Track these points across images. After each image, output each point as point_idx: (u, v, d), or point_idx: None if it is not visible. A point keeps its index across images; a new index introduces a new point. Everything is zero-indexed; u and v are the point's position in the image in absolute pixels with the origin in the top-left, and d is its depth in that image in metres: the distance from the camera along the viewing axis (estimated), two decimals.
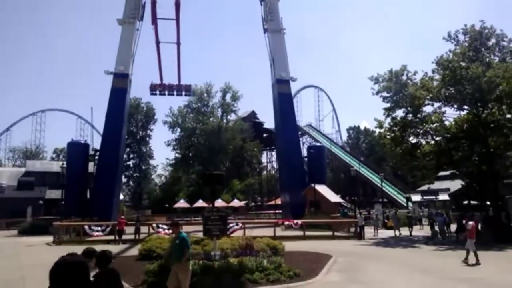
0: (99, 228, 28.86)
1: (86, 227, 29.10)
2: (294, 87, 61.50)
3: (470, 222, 18.18)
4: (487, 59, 29.06)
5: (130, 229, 28.95)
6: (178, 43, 50.23)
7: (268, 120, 79.35)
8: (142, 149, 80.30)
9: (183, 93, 55.04)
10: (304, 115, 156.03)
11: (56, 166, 54.01)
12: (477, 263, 16.09)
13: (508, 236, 24.10)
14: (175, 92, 54.32)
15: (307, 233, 28.95)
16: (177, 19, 46.72)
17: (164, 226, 27.88)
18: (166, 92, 53.76)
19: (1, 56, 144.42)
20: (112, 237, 27.91)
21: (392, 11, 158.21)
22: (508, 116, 28.69)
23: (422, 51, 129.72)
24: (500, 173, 29.50)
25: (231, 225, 25.95)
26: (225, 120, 76.40)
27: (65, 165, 39.82)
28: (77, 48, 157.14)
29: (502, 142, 27.81)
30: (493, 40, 30.13)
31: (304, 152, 60.24)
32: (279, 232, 29.31)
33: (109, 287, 4.41)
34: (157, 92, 53.19)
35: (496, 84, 26.22)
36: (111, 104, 43.37)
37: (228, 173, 70.67)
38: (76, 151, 43.83)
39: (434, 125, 30.16)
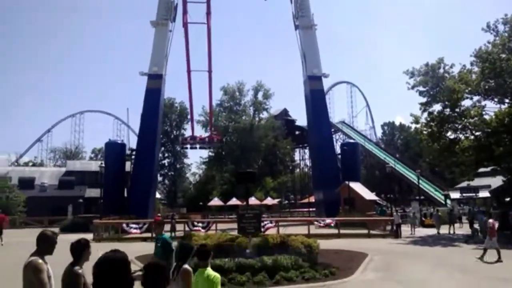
0: (136, 226, 29.58)
1: (124, 225, 29.91)
2: (326, 83, 60.87)
3: (490, 220, 18.30)
4: None
5: (166, 227, 29.46)
6: (210, 71, 51.19)
7: (301, 118, 79.04)
8: (176, 148, 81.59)
9: (213, 145, 57.33)
10: (337, 111, 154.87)
11: (94, 166, 55.72)
12: (499, 260, 16.09)
13: None
14: (206, 145, 56.88)
15: (342, 231, 28.63)
16: (209, 38, 47.63)
17: (199, 224, 28.30)
18: (198, 146, 55.70)
19: (42, 60, 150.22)
20: (149, 235, 28.54)
21: (428, 3, 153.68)
22: None
23: (460, 44, 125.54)
24: None
25: (265, 222, 25.99)
26: (257, 118, 76.49)
27: (103, 165, 41.01)
28: (113, 50, 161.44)
29: None
30: None
31: (338, 149, 59.54)
32: (313, 230, 29.13)
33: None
34: (188, 146, 56.16)
35: None
36: (146, 105, 44.29)
37: (260, 171, 70.73)
38: (113, 151, 45.04)
39: (474, 119, 29.18)
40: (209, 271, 5.06)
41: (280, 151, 79.85)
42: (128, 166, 45.02)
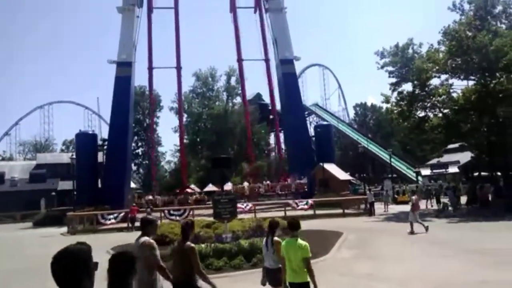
0: (111, 217, 29.24)
1: (99, 216, 29.51)
2: (298, 66, 60.93)
3: (413, 197, 20.02)
4: (494, 28, 28.51)
5: (142, 216, 29.31)
6: (178, 66, 50.64)
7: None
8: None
9: None
10: (310, 94, 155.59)
11: (66, 158, 54.44)
12: (412, 231, 17.95)
13: None
14: None
15: (318, 212, 29.08)
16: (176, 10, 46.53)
17: (176, 212, 28.20)
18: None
19: (6, 50, 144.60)
20: (125, 225, 28.30)
21: None
22: None
23: (429, 23, 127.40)
24: (510, 143, 29.25)
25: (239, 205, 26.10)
26: (230, 104, 76.25)
27: (74, 156, 40.14)
28: (80, 39, 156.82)
29: (511, 111, 27.47)
30: (499, 8, 29.59)
31: (312, 132, 60.06)
32: (290, 212, 29.47)
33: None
34: None
35: (504, 53, 25.76)
36: (116, 93, 43.39)
37: (236, 157, 70.78)
38: (84, 142, 44.07)
39: (442, 97, 29.87)
40: (299, 240, 5.85)
41: (255, 136, 79.99)
42: (100, 156, 44.23)
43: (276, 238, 6.31)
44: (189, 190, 58.02)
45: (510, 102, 27.29)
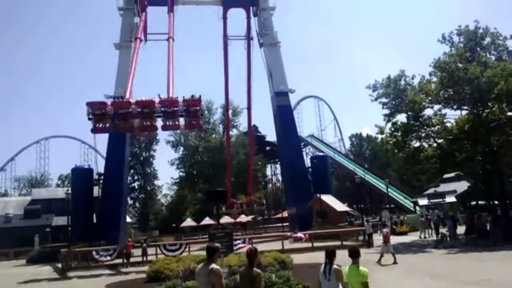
0: (106, 253, 28.72)
1: (94, 252, 29.00)
2: (294, 98, 61.90)
3: (384, 230, 20.56)
4: (484, 59, 29.13)
5: (138, 251, 28.87)
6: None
7: (270, 133, 79.45)
8: (146, 170, 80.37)
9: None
10: (306, 125, 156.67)
11: (61, 193, 53.96)
12: (395, 262, 17.92)
13: None
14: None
15: (316, 244, 28.70)
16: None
17: (172, 247, 27.80)
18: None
19: (3, 85, 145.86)
20: (120, 261, 27.80)
21: (389, 18, 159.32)
22: (509, 114, 28.65)
23: (421, 55, 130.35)
24: (505, 171, 29.38)
25: (237, 242, 25.78)
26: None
27: (70, 191, 39.85)
28: (77, 73, 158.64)
29: (505, 140, 27.71)
30: (488, 39, 30.23)
31: (308, 163, 60.12)
32: (287, 245, 29.13)
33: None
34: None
35: (495, 83, 26.23)
36: None
37: (233, 189, 70.46)
38: (80, 177, 43.91)
39: (436, 127, 30.15)
40: (360, 267, 6.50)
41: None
42: (96, 191, 43.94)
43: (335, 267, 6.56)
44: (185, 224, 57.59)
45: (503, 131, 27.60)
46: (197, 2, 51.37)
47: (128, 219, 56.61)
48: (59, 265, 28.39)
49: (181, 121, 25.80)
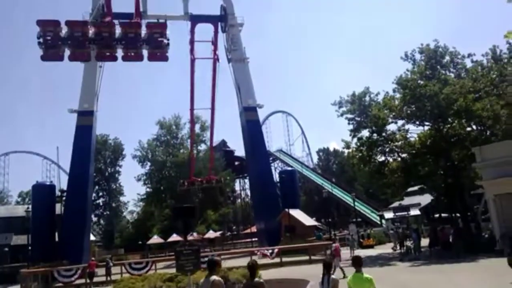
0: (68, 273, 27.64)
1: (55, 272, 27.87)
2: (262, 113, 62.09)
3: (334, 244, 22.13)
4: (443, 76, 30.34)
5: (101, 271, 27.96)
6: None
7: (239, 148, 79.52)
8: (111, 186, 78.49)
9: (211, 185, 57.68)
10: (275, 140, 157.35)
11: (21, 211, 51.72)
12: (344, 277, 17.72)
13: (479, 246, 24.60)
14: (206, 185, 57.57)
15: (284, 259, 28.70)
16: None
17: (137, 266, 27.08)
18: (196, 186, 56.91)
19: None
20: (83, 281, 26.83)
21: (355, 36, 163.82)
22: (468, 129, 29.89)
23: (385, 72, 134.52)
24: (466, 185, 30.43)
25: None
26: (195, 151, 75.91)
27: (30, 209, 38.35)
28: (39, 87, 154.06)
29: (465, 155, 28.77)
30: (447, 58, 31.57)
31: (277, 177, 60.35)
32: (257, 260, 28.92)
33: None
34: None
35: (454, 100, 27.31)
36: (76, 143, 42.39)
37: (201, 204, 69.67)
38: (41, 193, 42.32)
39: (399, 142, 31.01)
40: (365, 274, 6.96)
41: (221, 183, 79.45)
42: (58, 208, 42.45)
43: (333, 277, 7.22)
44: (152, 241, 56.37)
45: (463, 146, 28.68)
46: (165, 17, 51.20)
47: (92, 237, 54.79)
48: (18, 287, 27.10)
49: (145, 53, 23.45)
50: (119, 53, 23.64)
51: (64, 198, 41.82)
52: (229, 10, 50.50)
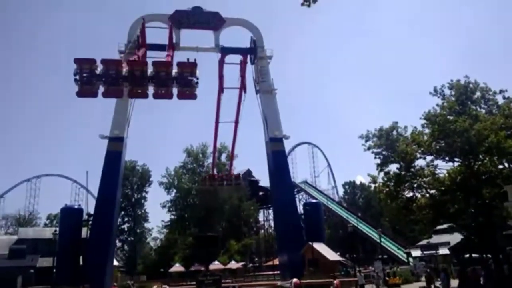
0: None
1: None
2: (288, 144, 62.35)
3: (335, 281, 22.95)
4: (474, 112, 29.78)
5: None
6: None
7: (264, 178, 79.41)
8: (137, 212, 79.29)
9: (234, 182, 58.83)
10: (300, 172, 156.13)
11: (49, 233, 52.69)
12: None
13: None
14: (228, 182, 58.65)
15: None
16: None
17: None
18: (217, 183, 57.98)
19: None
20: None
21: (382, 70, 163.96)
22: (500, 167, 29.00)
23: (413, 106, 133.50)
24: (497, 224, 29.26)
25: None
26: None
27: (57, 231, 39.06)
28: (71, 112, 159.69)
29: (496, 193, 27.81)
30: (478, 94, 31.03)
31: (301, 209, 59.69)
32: None
33: None
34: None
35: (485, 136, 26.69)
36: (105, 168, 43.43)
37: (225, 234, 69.37)
38: (69, 217, 43.19)
39: (428, 178, 30.28)
40: None
41: (244, 213, 79.13)
42: (85, 232, 43.10)
43: None
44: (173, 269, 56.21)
45: (495, 183, 27.76)
46: (197, 49, 52.78)
47: (115, 262, 55.18)
48: None
49: (175, 91, 24.56)
50: (150, 90, 24.98)
51: (90, 222, 42.52)
52: (259, 42, 51.68)
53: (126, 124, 45.65)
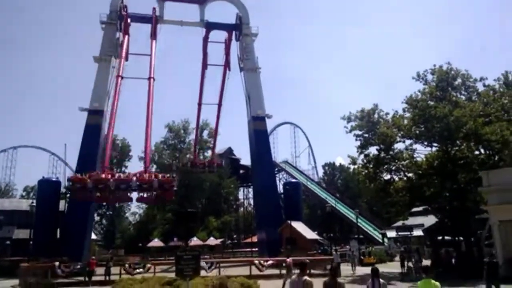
0: (68, 270, 27.75)
1: (56, 268, 27.97)
2: (270, 124, 62.36)
3: (288, 259, 22.30)
4: (454, 98, 30.29)
5: (101, 270, 28.01)
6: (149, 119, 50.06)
7: (245, 157, 79.63)
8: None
9: (214, 169, 59.12)
10: (281, 151, 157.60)
11: (25, 205, 52.05)
12: None
13: (480, 272, 24.28)
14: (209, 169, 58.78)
15: (283, 271, 28.49)
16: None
17: (138, 266, 27.16)
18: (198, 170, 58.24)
19: None
20: (81, 278, 26.89)
21: (366, 52, 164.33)
22: (476, 153, 29.74)
23: (395, 89, 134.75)
24: (471, 208, 30.15)
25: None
26: (201, 157, 76.13)
27: (34, 204, 38.55)
28: (51, 84, 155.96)
29: (471, 178, 28.54)
30: (459, 80, 31.56)
31: (281, 189, 60.21)
32: (255, 271, 28.82)
33: None
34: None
35: (463, 123, 27.23)
36: (84, 141, 42.77)
37: (204, 211, 69.72)
38: (47, 189, 42.55)
39: (406, 161, 30.89)
40: (432, 280, 8.12)
41: (225, 190, 79.44)
42: (62, 205, 42.65)
43: (382, 281, 8.46)
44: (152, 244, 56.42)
45: (470, 169, 28.49)
46: (181, 23, 51.81)
47: (94, 236, 54.97)
48: (17, 281, 27.18)
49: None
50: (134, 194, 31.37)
51: (68, 195, 42.05)
52: (245, 19, 51.02)
53: (106, 97, 44.85)
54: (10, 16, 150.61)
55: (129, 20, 48.08)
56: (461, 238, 32.67)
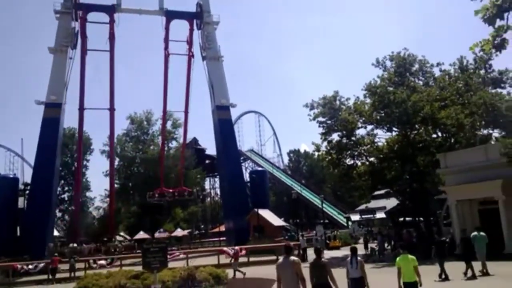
0: (30, 267, 26.93)
1: (19, 266, 27.09)
2: (234, 113, 62.26)
3: (236, 247, 24.28)
4: (412, 84, 31.22)
5: (65, 266, 27.34)
6: (112, 108, 49.34)
7: (210, 147, 79.22)
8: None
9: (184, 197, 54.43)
10: (246, 140, 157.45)
11: None
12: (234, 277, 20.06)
13: (440, 251, 25.37)
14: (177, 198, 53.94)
15: (251, 259, 28.82)
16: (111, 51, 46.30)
17: (102, 262, 26.67)
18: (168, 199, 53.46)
19: None
20: (45, 276, 26.18)
21: (330, 40, 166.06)
22: (434, 136, 30.87)
23: (358, 76, 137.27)
24: (430, 190, 31.38)
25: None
26: (166, 148, 75.04)
27: None
28: (5, 77, 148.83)
29: (430, 161, 29.63)
30: (416, 66, 32.49)
31: (247, 177, 60.49)
32: (224, 259, 28.95)
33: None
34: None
35: (420, 107, 28.14)
36: (42, 135, 41.31)
37: (170, 202, 68.96)
38: (3, 186, 41.00)
39: (367, 146, 31.68)
40: (409, 255, 9.63)
41: (190, 181, 78.82)
42: (21, 202, 41.20)
43: (359, 258, 9.49)
44: (118, 238, 55.40)
45: (428, 152, 29.57)
46: (140, 11, 50.54)
47: (56, 233, 53.46)
48: None
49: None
50: None
51: (27, 191, 40.66)
52: (205, 7, 50.39)
53: (64, 90, 43.37)
54: None
55: (85, 8, 46.51)
56: (421, 218, 34.02)
